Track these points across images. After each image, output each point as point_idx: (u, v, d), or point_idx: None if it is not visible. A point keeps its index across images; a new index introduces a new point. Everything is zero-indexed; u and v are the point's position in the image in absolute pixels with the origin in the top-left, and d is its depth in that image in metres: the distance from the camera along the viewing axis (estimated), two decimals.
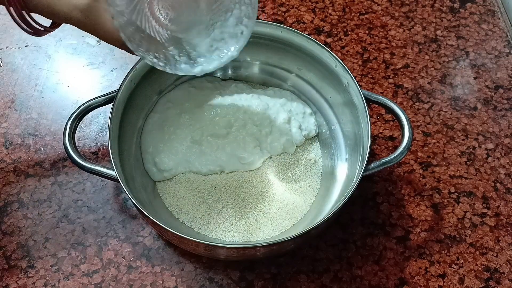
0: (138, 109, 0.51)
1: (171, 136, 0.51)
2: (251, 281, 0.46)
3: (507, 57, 0.61)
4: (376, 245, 0.48)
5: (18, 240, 0.47)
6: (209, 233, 0.47)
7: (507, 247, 0.49)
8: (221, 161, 0.48)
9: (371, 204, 0.51)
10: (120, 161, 0.45)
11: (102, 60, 0.59)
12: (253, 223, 0.48)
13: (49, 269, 0.46)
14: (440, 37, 0.63)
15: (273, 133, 0.51)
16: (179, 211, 0.48)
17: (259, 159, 0.49)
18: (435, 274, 0.47)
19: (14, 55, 0.59)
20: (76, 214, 0.49)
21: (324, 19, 0.64)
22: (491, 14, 0.65)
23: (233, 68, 0.56)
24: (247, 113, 0.51)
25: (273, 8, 0.64)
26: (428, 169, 0.53)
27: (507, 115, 0.57)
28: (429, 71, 0.60)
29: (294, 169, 0.50)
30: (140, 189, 0.48)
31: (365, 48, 0.61)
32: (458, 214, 0.50)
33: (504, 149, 0.54)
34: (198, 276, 0.46)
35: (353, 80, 0.47)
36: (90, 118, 0.54)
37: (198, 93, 0.53)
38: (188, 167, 0.49)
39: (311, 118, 0.53)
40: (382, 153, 0.54)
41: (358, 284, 0.46)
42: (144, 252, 0.47)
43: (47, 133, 0.54)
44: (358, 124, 0.47)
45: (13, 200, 0.50)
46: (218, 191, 0.47)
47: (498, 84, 0.59)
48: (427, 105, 0.57)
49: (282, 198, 0.49)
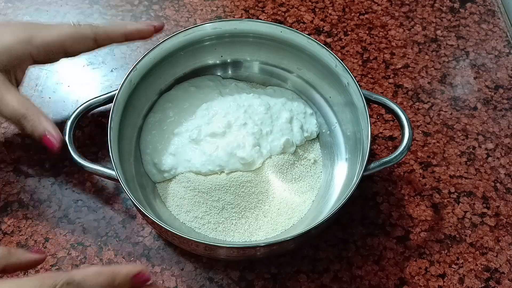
0: (138, 109, 0.51)
1: (171, 136, 0.51)
2: (251, 281, 0.46)
3: (507, 57, 0.61)
4: (376, 245, 0.48)
5: (18, 240, 0.47)
6: (209, 233, 0.47)
7: (507, 247, 0.49)
8: (221, 161, 0.48)
9: (371, 204, 0.51)
10: (120, 161, 0.45)
11: (102, 60, 0.59)
12: (253, 223, 0.48)
13: (49, 269, 0.46)
14: (440, 37, 0.63)
15: (273, 133, 0.51)
16: (179, 211, 0.48)
17: (259, 159, 0.49)
18: (435, 274, 0.47)
19: None
20: (76, 214, 0.49)
21: (324, 19, 0.64)
22: (491, 14, 0.65)
23: (233, 68, 0.56)
24: (247, 113, 0.51)
25: (273, 8, 0.64)
26: (428, 169, 0.53)
27: (507, 115, 0.57)
28: (429, 71, 0.60)
29: (294, 169, 0.50)
30: (140, 189, 0.48)
31: (365, 48, 0.61)
32: (458, 214, 0.50)
33: (504, 149, 0.54)
34: (198, 276, 0.46)
35: (353, 80, 0.47)
36: (90, 118, 0.54)
37: (198, 93, 0.53)
38: (188, 167, 0.49)
39: (312, 118, 0.53)
40: (382, 153, 0.54)
41: (358, 284, 0.46)
42: (144, 252, 0.47)
43: None
44: (358, 124, 0.47)
45: (13, 200, 0.50)
46: (218, 191, 0.47)
47: (498, 84, 0.59)
48: (427, 105, 0.57)
49: (282, 198, 0.49)
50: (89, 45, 0.47)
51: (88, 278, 0.34)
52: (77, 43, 0.47)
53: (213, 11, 0.64)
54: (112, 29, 0.48)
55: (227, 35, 0.53)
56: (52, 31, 0.46)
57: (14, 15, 0.62)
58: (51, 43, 0.46)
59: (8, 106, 0.44)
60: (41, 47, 0.45)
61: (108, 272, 0.35)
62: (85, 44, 0.47)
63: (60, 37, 0.46)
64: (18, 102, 0.44)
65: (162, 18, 0.63)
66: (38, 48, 0.45)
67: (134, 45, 0.61)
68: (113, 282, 0.35)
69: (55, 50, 0.46)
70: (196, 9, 0.64)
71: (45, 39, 0.45)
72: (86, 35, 0.47)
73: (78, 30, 0.47)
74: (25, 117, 0.44)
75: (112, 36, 0.48)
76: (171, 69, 0.53)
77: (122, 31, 0.48)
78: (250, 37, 0.53)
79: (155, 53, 0.50)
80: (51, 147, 0.45)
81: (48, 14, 0.63)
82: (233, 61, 0.56)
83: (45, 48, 0.46)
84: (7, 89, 0.44)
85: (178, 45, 0.51)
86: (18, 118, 0.44)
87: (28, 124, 0.44)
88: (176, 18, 0.63)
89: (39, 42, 0.45)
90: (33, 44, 0.45)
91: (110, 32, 0.48)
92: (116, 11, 0.63)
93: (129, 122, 0.49)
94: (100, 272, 0.35)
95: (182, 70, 0.54)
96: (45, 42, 0.45)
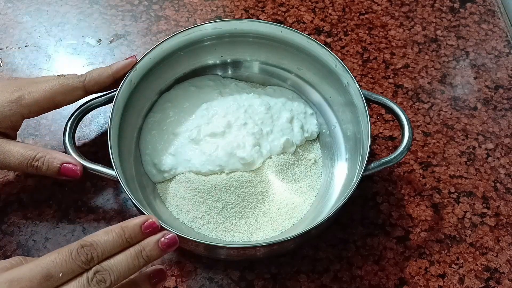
0: (138, 109, 0.51)
1: (170, 136, 0.51)
2: (251, 281, 0.46)
3: (507, 57, 0.61)
4: (376, 245, 0.48)
5: (18, 240, 0.47)
6: (209, 233, 0.47)
7: (507, 247, 0.49)
8: (221, 161, 0.48)
9: (371, 204, 0.51)
10: (120, 161, 0.45)
11: (102, 60, 0.59)
12: (253, 223, 0.48)
13: None
14: (440, 37, 0.63)
15: (274, 133, 0.51)
16: (179, 211, 0.48)
17: (259, 159, 0.49)
18: (435, 274, 0.47)
19: (14, 55, 0.59)
20: (76, 214, 0.49)
21: (324, 19, 0.64)
22: (491, 14, 0.65)
23: (233, 68, 0.56)
24: (247, 113, 0.51)
25: (273, 8, 0.64)
26: (428, 169, 0.53)
27: (507, 115, 0.57)
28: (429, 71, 0.60)
29: (294, 169, 0.50)
30: (140, 189, 0.48)
31: (365, 48, 0.61)
32: (458, 214, 0.50)
33: (504, 149, 0.54)
34: (198, 276, 0.46)
35: (353, 80, 0.47)
36: (90, 118, 0.54)
37: (198, 92, 0.53)
38: (188, 167, 0.49)
39: (312, 119, 0.53)
40: (382, 153, 0.54)
41: (358, 284, 0.46)
42: None
43: (47, 133, 0.54)
44: (358, 124, 0.47)
45: (13, 200, 0.50)
46: (218, 191, 0.47)
47: (498, 84, 0.59)
48: (427, 105, 0.57)
49: (282, 198, 0.49)
50: (79, 95, 0.47)
51: (98, 237, 0.35)
52: (67, 96, 0.46)
53: (213, 11, 0.64)
54: (98, 74, 0.47)
55: (227, 35, 0.53)
56: (40, 87, 0.45)
57: (14, 15, 0.62)
58: (41, 100, 0.45)
59: (15, 155, 0.43)
60: (32, 106, 0.45)
61: (116, 228, 0.36)
62: (75, 95, 0.47)
63: (49, 92, 0.45)
64: (23, 147, 0.44)
65: (162, 18, 0.63)
66: (29, 107, 0.45)
67: (134, 45, 0.61)
68: (123, 236, 0.36)
69: (45, 106, 0.46)
70: (196, 9, 0.64)
71: (35, 97, 0.45)
72: (74, 86, 0.46)
73: (66, 83, 0.46)
74: (36, 158, 0.44)
75: (100, 81, 0.47)
76: (171, 69, 0.53)
77: (110, 72, 0.47)
78: (250, 37, 0.53)
79: (155, 53, 0.50)
80: (73, 174, 0.44)
81: (48, 14, 0.63)
82: (233, 61, 0.56)
83: (36, 106, 0.45)
84: (7, 142, 0.44)
85: (178, 45, 0.51)
86: (29, 162, 0.44)
87: (41, 163, 0.44)
88: (176, 18, 0.63)
89: (29, 101, 0.44)
90: (23, 105, 0.44)
91: (98, 78, 0.47)
92: (116, 11, 0.63)
93: (129, 122, 0.49)
94: (108, 229, 0.36)
95: (182, 70, 0.54)
96: (34, 100, 0.45)
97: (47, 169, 0.44)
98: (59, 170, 0.44)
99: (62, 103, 0.47)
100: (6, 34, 0.61)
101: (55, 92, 0.45)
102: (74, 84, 0.46)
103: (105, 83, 0.48)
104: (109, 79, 0.48)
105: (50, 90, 0.45)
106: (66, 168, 0.44)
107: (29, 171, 0.44)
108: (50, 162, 0.44)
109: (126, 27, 0.62)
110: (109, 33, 0.62)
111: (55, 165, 0.44)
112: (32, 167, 0.44)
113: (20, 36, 0.61)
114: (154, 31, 0.62)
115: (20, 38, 0.61)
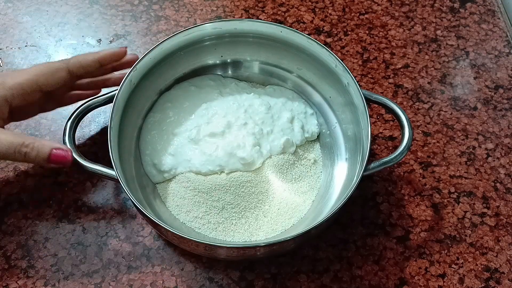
0: (138, 109, 0.51)
1: (170, 136, 0.51)
2: (251, 281, 0.46)
3: (507, 57, 0.61)
4: (376, 245, 0.48)
5: (18, 240, 0.47)
6: (209, 233, 0.47)
7: (507, 247, 0.49)
8: (221, 161, 0.48)
9: (371, 204, 0.51)
10: (120, 161, 0.45)
11: None
12: (253, 223, 0.48)
13: (49, 269, 0.46)
14: (440, 37, 0.63)
15: (274, 133, 0.51)
16: (179, 211, 0.48)
17: (259, 159, 0.49)
18: (435, 274, 0.47)
19: (14, 55, 0.59)
20: (76, 214, 0.49)
21: (324, 19, 0.64)
22: (491, 14, 0.65)
23: (233, 68, 0.56)
24: (247, 112, 0.51)
25: (273, 8, 0.64)
26: (428, 169, 0.53)
27: (507, 115, 0.57)
28: (429, 71, 0.60)
29: (294, 169, 0.50)
30: (140, 189, 0.48)
31: (365, 48, 0.61)
32: (458, 214, 0.50)
33: (504, 149, 0.54)
34: (198, 276, 0.46)
35: (353, 80, 0.47)
36: (90, 118, 0.54)
37: (198, 92, 0.53)
38: (188, 167, 0.49)
39: (312, 119, 0.53)
40: (382, 153, 0.54)
41: (358, 284, 0.46)
42: (144, 252, 0.47)
43: (47, 133, 0.54)
44: (358, 124, 0.47)
45: (13, 200, 0.50)
46: (218, 191, 0.47)
47: (498, 84, 0.59)
48: (427, 105, 0.57)
49: (282, 198, 0.49)
50: (64, 76, 0.47)
51: None
52: (50, 77, 0.46)
53: (213, 11, 0.64)
54: (84, 57, 0.47)
55: (227, 35, 0.53)
56: (24, 71, 0.45)
57: (14, 15, 0.62)
58: (24, 82, 0.45)
59: (2, 141, 0.42)
60: (15, 89, 0.44)
61: None
62: (59, 76, 0.46)
63: (32, 74, 0.45)
64: (12, 135, 0.43)
65: (162, 18, 0.63)
66: (12, 90, 0.44)
67: (134, 45, 0.61)
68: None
69: (29, 89, 0.45)
70: (196, 9, 0.64)
71: (17, 80, 0.44)
72: (57, 67, 0.46)
73: (49, 64, 0.46)
74: (25, 144, 0.43)
75: (84, 64, 0.47)
76: (171, 69, 0.53)
77: (95, 57, 0.47)
78: (250, 37, 0.53)
79: (155, 53, 0.50)
80: (63, 160, 0.43)
81: (48, 14, 0.63)
82: (233, 61, 0.56)
83: (19, 89, 0.44)
84: None
85: (178, 45, 0.51)
86: (18, 148, 0.43)
87: (30, 149, 0.43)
88: (176, 18, 0.63)
89: (11, 84, 0.44)
90: (5, 88, 0.44)
91: (82, 61, 0.47)
92: (116, 11, 0.63)
93: (129, 122, 0.49)
94: None
95: (182, 70, 0.54)
96: (17, 83, 0.44)
97: (36, 155, 0.43)
98: (49, 157, 0.43)
99: (46, 86, 0.46)
100: (6, 34, 0.61)
101: (38, 74, 0.45)
102: (57, 65, 0.46)
103: (89, 67, 0.47)
104: (94, 63, 0.47)
105: (33, 73, 0.45)
106: (56, 154, 0.43)
107: (17, 159, 0.43)
108: (40, 148, 0.43)
109: (126, 27, 0.62)
110: (109, 33, 0.62)
111: (45, 151, 0.43)
112: (21, 153, 0.43)
113: (20, 36, 0.61)
114: (154, 31, 0.62)
115: (20, 38, 0.61)
